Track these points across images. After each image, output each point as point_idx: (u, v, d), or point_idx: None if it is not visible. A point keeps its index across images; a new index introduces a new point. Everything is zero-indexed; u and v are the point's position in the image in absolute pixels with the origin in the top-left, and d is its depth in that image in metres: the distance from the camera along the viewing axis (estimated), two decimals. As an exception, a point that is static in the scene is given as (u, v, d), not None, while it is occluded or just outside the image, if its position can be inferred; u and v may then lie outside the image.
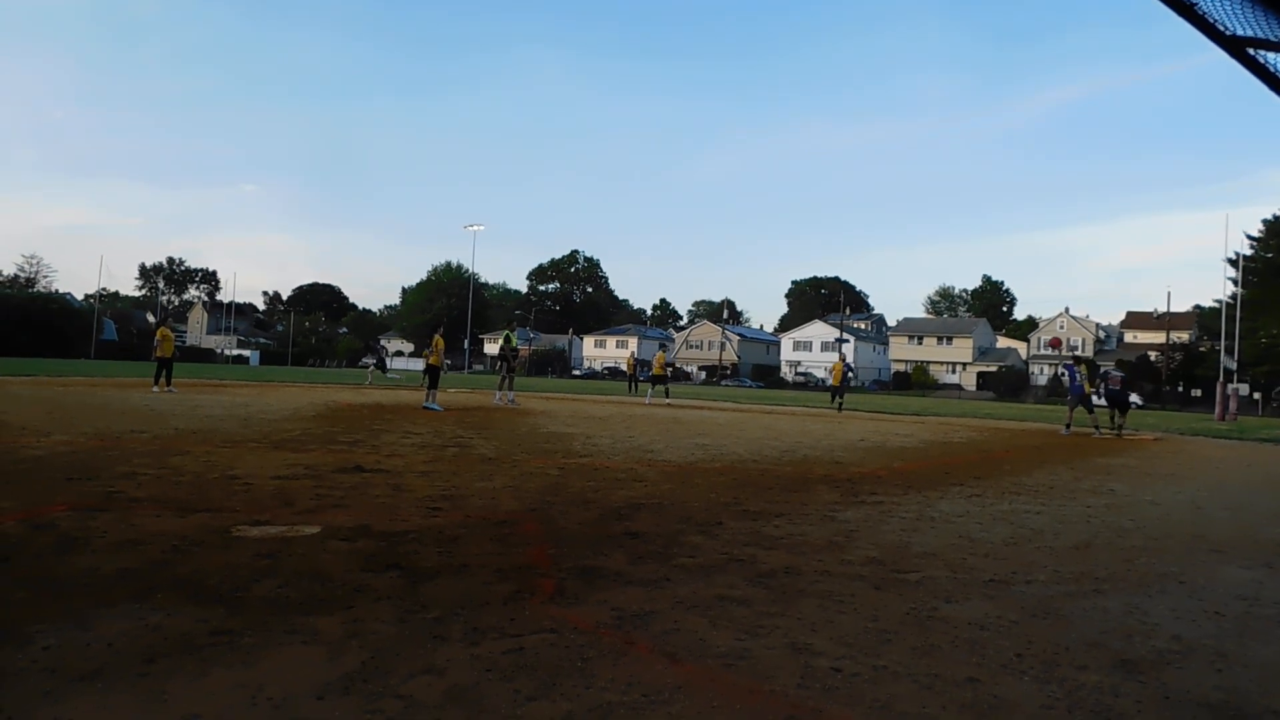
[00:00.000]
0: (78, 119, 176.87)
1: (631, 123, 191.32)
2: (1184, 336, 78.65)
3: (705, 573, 4.20)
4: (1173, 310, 70.75)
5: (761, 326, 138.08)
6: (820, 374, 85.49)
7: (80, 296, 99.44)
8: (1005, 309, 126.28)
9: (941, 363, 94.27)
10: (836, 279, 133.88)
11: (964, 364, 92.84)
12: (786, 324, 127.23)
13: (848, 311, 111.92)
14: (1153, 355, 73.75)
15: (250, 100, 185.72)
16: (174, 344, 21.24)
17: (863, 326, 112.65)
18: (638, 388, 26.88)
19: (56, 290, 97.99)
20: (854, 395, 52.81)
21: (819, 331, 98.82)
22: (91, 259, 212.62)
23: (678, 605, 3.59)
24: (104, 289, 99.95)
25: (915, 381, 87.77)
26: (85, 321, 77.12)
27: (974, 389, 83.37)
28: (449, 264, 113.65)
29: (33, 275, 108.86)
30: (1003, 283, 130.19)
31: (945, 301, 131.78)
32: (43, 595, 3.37)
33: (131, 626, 3.02)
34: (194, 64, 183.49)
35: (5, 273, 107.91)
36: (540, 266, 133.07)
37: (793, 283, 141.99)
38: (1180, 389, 63.47)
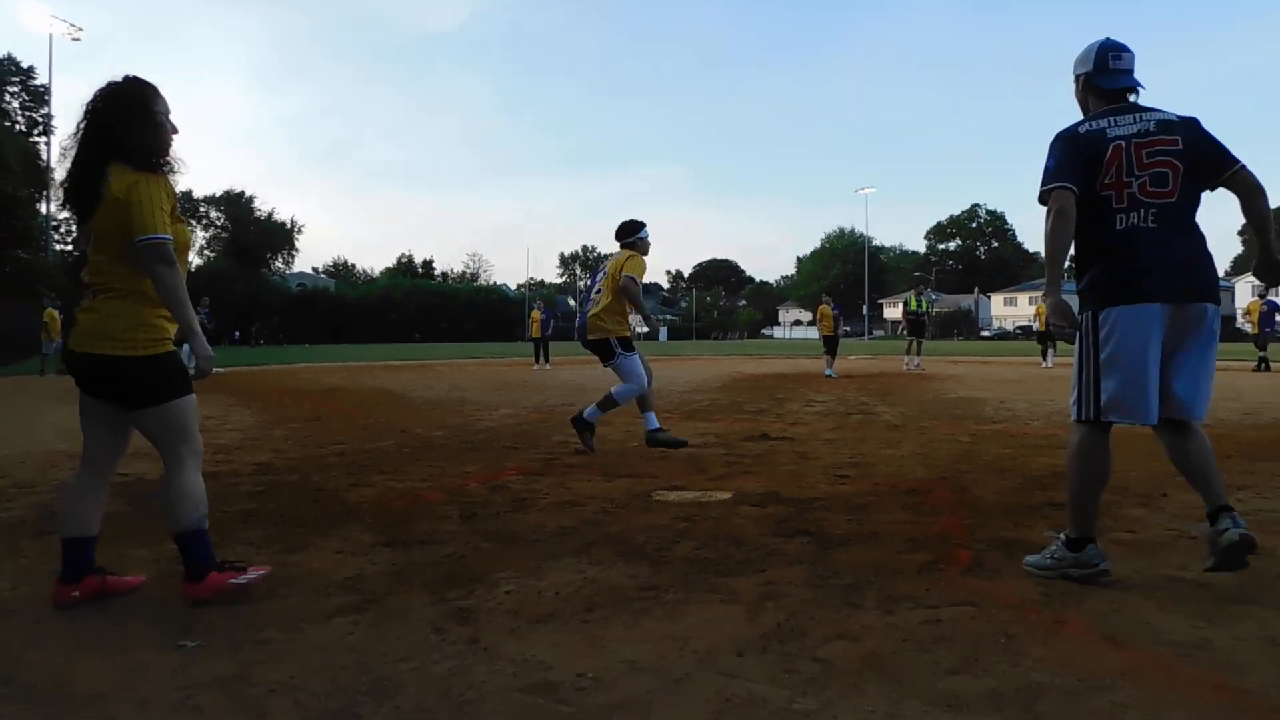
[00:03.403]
0: (500, 127, 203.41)
1: (1026, 60, 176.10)
2: None
3: (1148, 550, 3.73)
4: None
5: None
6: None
7: (514, 286, 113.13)
8: None
9: None
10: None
11: None
12: (1240, 266, 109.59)
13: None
14: None
15: (640, 92, 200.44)
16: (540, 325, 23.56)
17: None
18: (1053, 350, 24.11)
19: (494, 282, 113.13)
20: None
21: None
22: (520, 251, 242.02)
23: (1116, 584, 3.22)
24: (531, 278, 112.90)
25: None
26: (519, 309, 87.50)
27: None
28: (841, 230, 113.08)
29: (476, 270, 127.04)
30: None
31: None
32: (503, 547, 3.87)
33: (574, 578, 3.36)
34: (578, 72, 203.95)
35: (455, 270, 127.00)
36: (939, 224, 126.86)
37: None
38: None
